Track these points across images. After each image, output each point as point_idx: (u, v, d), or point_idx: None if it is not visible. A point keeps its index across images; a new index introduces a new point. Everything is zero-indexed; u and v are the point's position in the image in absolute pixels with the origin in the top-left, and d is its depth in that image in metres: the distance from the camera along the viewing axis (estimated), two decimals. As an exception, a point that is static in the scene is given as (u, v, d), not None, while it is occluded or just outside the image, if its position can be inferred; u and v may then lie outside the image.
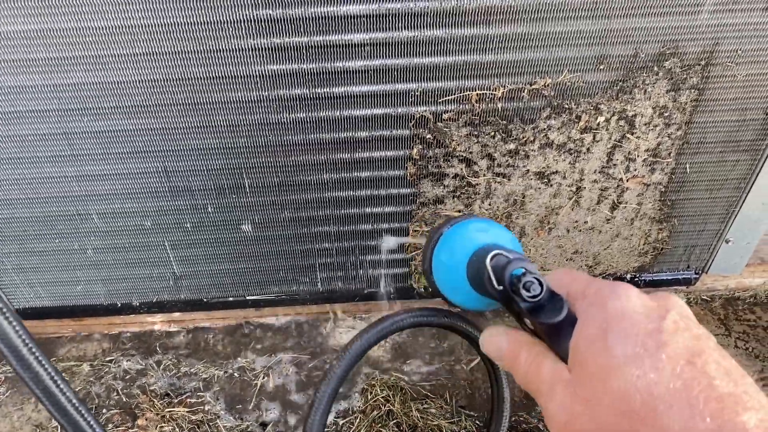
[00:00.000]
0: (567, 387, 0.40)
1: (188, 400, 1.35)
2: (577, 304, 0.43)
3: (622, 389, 0.36)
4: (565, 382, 0.41)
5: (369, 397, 1.33)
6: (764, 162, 1.18)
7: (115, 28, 0.96)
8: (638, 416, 0.35)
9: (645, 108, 1.09)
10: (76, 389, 1.37)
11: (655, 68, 1.05)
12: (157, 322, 1.47)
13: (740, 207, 1.26)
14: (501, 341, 0.49)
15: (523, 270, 0.44)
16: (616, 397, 0.36)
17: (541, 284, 0.43)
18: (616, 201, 1.23)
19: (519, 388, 1.35)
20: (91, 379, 1.40)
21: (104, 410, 1.34)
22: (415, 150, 1.14)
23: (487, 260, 0.47)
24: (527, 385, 0.45)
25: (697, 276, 1.40)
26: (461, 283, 0.54)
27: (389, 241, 1.27)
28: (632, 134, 1.13)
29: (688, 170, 1.19)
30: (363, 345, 0.64)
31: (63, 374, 1.36)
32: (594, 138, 1.13)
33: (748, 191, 1.23)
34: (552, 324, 0.42)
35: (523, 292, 0.43)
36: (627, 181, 1.19)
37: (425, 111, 1.08)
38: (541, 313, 0.43)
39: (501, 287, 0.46)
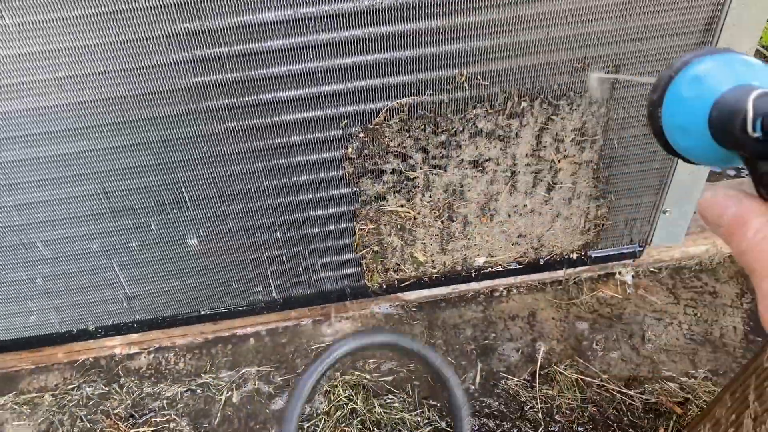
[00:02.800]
0: None
1: (153, 419, 1.36)
2: None
3: None
4: None
5: (332, 398, 1.34)
6: (688, 131, 1.22)
7: (36, 54, 0.97)
8: None
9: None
10: (39, 421, 1.37)
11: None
12: (116, 346, 1.47)
13: (672, 177, 1.30)
14: (729, 204, 0.41)
15: None
16: None
17: None
18: (551, 182, 1.26)
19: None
20: (54, 409, 1.39)
21: (69, 439, 1.33)
22: (350, 149, 1.16)
23: (751, 98, 0.38)
24: (750, 262, 0.39)
25: (642, 248, 1.44)
26: (698, 123, 0.44)
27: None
28: (557, 115, 1.16)
29: (616, 146, 1.23)
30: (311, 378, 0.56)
31: (25, 407, 1.35)
32: (521, 123, 1.16)
33: (677, 161, 1.27)
34: None
35: None
36: (559, 161, 1.23)
37: (354, 110, 1.11)
38: None
39: (758, 135, 0.37)
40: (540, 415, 1.30)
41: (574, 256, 1.42)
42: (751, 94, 0.38)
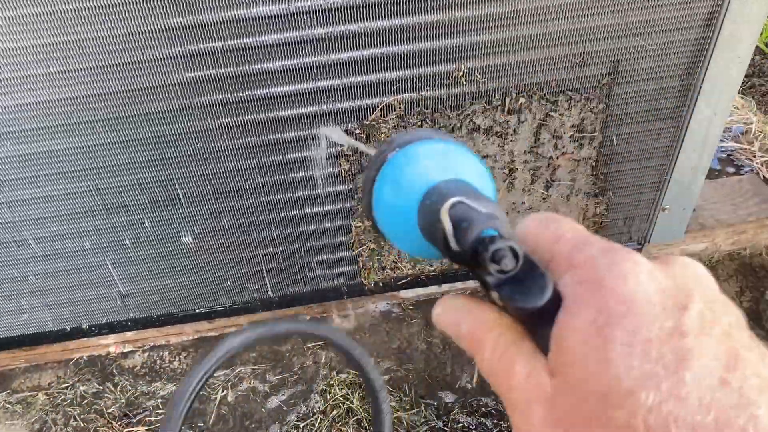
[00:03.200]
0: (548, 408, 0.29)
1: (147, 418, 1.34)
2: (562, 277, 0.31)
3: (629, 429, 0.26)
4: (545, 399, 0.29)
5: (328, 396, 1.33)
6: (687, 128, 1.21)
7: (26, 48, 0.95)
8: None
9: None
10: (32, 420, 1.35)
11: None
12: (111, 344, 1.45)
13: (671, 174, 1.29)
14: (459, 319, 0.36)
15: (494, 233, 0.32)
16: None
17: (516, 256, 0.31)
18: (549, 179, 1.25)
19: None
20: (47, 408, 1.37)
21: (62, 438, 1.32)
22: (346, 146, 1.15)
23: (444, 210, 0.35)
24: (494, 386, 0.33)
25: (640, 246, 1.43)
26: (410, 229, 0.40)
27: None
28: (555, 112, 1.15)
29: (615, 142, 1.22)
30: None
31: (18, 406, 1.34)
32: (519, 119, 1.15)
33: (676, 158, 1.26)
34: (528, 309, 0.31)
35: (491, 265, 0.31)
36: (557, 158, 1.22)
37: (350, 105, 1.09)
38: (514, 291, 0.32)
39: (461, 249, 0.34)
40: (538, 414, 1.29)
41: (573, 253, 1.41)
42: (444, 204, 0.35)
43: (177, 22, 0.96)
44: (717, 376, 0.26)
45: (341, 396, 1.33)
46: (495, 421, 1.29)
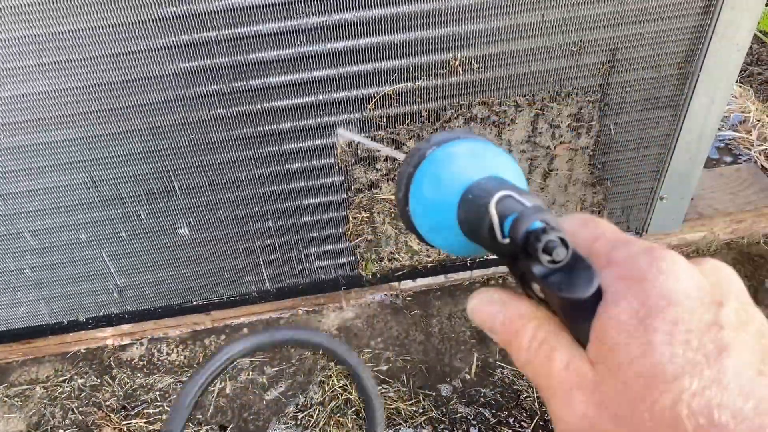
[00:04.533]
0: (590, 393, 0.30)
1: (145, 411, 1.34)
2: (602, 274, 0.32)
3: (673, 411, 0.27)
4: (587, 385, 0.30)
5: (326, 388, 1.33)
6: (685, 116, 1.21)
7: (19, 39, 0.94)
8: None
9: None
10: (30, 413, 1.35)
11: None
12: (108, 337, 1.45)
13: (669, 163, 1.29)
14: (496, 312, 0.37)
15: (544, 225, 0.33)
16: (662, 421, 0.27)
17: (566, 246, 0.32)
18: (547, 169, 1.25)
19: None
20: (45, 401, 1.37)
21: (60, 431, 1.32)
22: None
23: (492, 204, 0.36)
24: (532, 377, 0.34)
25: (638, 236, 1.42)
26: (448, 224, 0.41)
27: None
28: (553, 101, 1.14)
29: (612, 131, 1.22)
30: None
31: (16, 399, 1.34)
32: (516, 108, 1.14)
33: (674, 147, 1.26)
34: (575, 299, 0.32)
35: (542, 256, 0.32)
36: (555, 148, 1.21)
37: (346, 95, 1.09)
38: (562, 283, 0.33)
39: (508, 241, 0.35)
40: (536, 404, 1.29)
41: (570, 243, 1.40)
42: (492, 198, 0.36)
43: (171, 12, 0.95)
44: (755, 367, 0.27)
45: (339, 387, 1.33)
46: (494, 411, 1.29)
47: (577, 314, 0.33)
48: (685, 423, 0.26)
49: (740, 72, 2.15)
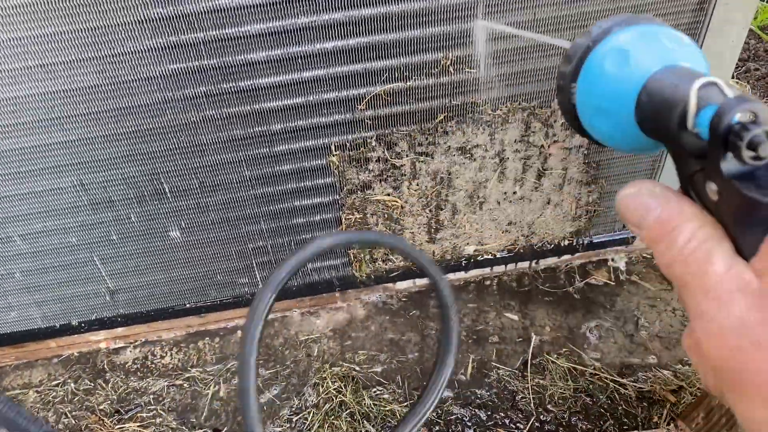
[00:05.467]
0: (754, 299, 0.29)
1: (139, 415, 1.33)
2: None
3: None
4: (751, 291, 0.29)
5: (321, 390, 1.32)
6: (680, 114, 1.19)
7: (3, 41, 0.93)
8: None
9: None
10: (23, 417, 1.34)
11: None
12: (101, 340, 1.44)
13: (664, 161, 1.27)
14: (654, 206, 0.34)
15: (750, 116, 0.30)
16: None
17: None
18: (541, 168, 1.24)
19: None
20: (38, 405, 1.36)
21: (53, 435, 1.31)
22: (333, 137, 1.13)
23: (694, 88, 0.32)
24: (681, 275, 0.33)
25: (633, 235, 1.41)
26: (620, 105, 0.38)
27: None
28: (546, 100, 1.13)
29: (607, 130, 1.20)
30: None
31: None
32: (509, 108, 1.13)
33: (669, 145, 1.24)
34: (759, 202, 0.30)
35: (745, 152, 0.30)
36: (548, 147, 1.20)
37: (336, 96, 1.07)
38: (752, 183, 0.30)
39: (699, 131, 0.32)
40: (531, 405, 1.28)
41: (566, 243, 1.40)
42: (695, 83, 0.32)
43: (157, 13, 0.94)
44: None
45: (334, 389, 1.32)
46: (489, 413, 1.28)
47: (753, 221, 0.30)
48: None
49: (737, 68, 2.14)
